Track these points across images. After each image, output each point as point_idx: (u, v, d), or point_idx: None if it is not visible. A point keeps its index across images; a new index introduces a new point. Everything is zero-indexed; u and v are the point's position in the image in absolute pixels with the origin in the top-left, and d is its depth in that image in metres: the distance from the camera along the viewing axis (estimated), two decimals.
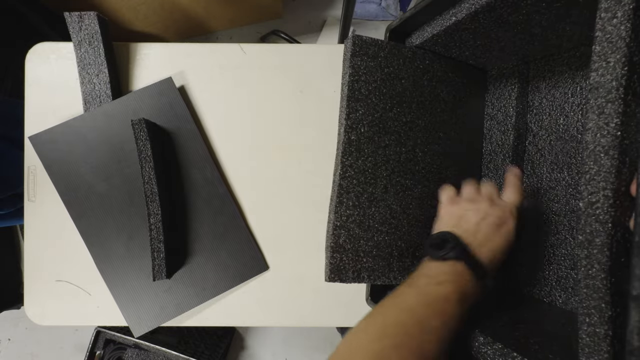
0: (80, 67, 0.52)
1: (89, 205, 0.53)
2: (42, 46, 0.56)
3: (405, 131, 0.43)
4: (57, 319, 0.55)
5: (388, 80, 0.42)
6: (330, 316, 0.55)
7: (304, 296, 0.55)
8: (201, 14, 1.10)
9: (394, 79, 0.42)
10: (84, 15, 0.51)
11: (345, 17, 0.93)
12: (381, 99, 0.41)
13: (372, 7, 1.24)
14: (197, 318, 0.55)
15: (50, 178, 0.53)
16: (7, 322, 1.22)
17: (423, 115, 0.45)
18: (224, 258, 0.54)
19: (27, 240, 0.55)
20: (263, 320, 0.56)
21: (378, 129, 0.41)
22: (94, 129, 0.52)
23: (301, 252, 0.56)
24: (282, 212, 0.56)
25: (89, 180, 0.53)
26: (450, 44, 0.42)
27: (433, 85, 0.45)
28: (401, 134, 0.43)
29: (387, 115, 0.42)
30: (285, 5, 1.23)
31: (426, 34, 0.42)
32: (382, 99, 0.41)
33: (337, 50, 0.57)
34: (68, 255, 0.55)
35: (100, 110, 0.52)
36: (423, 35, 0.42)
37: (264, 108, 0.56)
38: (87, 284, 0.55)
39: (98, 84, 0.52)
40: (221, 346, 1.10)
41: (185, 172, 0.54)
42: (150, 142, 0.49)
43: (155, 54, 0.56)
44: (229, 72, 0.56)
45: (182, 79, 0.56)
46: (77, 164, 0.53)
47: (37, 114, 0.55)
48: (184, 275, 0.53)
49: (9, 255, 1.14)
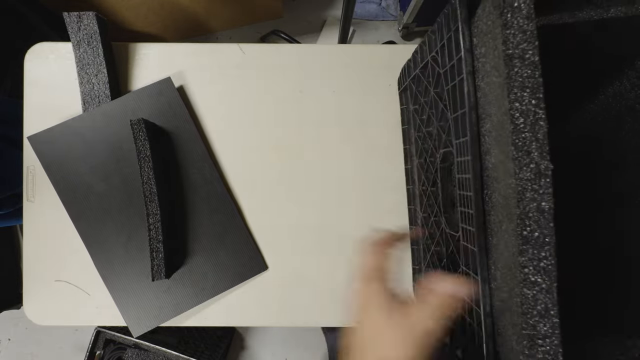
0: (79, 67, 0.52)
1: (88, 205, 0.53)
2: (41, 46, 0.56)
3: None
4: (57, 319, 0.55)
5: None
6: (330, 316, 0.55)
7: (304, 296, 0.55)
8: (201, 14, 1.10)
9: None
10: (83, 15, 0.51)
11: (345, 17, 0.93)
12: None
13: (372, 7, 1.24)
14: (197, 318, 0.55)
15: (49, 178, 0.53)
16: (7, 322, 1.22)
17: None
18: (223, 258, 0.54)
19: (27, 240, 0.55)
20: (263, 320, 0.56)
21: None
22: (92, 129, 0.52)
23: (301, 252, 0.55)
24: (280, 212, 0.56)
25: (87, 180, 0.53)
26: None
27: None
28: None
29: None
30: (285, 5, 1.23)
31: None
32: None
33: (337, 50, 0.57)
34: (67, 255, 0.55)
35: (99, 110, 0.52)
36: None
37: (263, 108, 0.56)
38: (86, 284, 0.55)
39: (97, 84, 0.52)
40: (221, 346, 1.10)
41: (184, 172, 0.54)
42: (149, 142, 0.49)
43: (154, 54, 0.56)
44: (229, 72, 0.56)
45: (181, 79, 0.56)
46: (76, 164, 0.53)
47: (36, 113, 0.55)
48: (183, 276, 0.53)
49: (9, 255, 1.14)
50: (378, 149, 0.56)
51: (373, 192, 0.56)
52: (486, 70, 0.30)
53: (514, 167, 0.26)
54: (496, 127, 0.29)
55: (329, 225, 0.56)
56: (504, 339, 0.30)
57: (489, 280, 0.32)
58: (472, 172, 0.32)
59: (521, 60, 0.26)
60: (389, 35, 1.26)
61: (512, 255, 0.27)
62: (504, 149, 0.28)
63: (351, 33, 1.25)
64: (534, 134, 0.26)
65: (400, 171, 0.55)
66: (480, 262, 0.32)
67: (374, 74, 0.56)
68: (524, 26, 0.26)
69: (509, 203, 0.27)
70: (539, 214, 0.26)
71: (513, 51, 0.26)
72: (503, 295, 0.30)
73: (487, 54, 0.29)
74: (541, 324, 0.26)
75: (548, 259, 0.26)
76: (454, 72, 0.33)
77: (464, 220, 0.34)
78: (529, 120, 0.26)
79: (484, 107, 0.31)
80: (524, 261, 0.26)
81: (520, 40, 0.26)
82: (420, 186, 0.49)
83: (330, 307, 0.55)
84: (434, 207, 0.44)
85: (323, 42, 1.23)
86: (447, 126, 0.38)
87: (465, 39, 0.31)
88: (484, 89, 0.31)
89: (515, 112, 0.26)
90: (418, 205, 0.51)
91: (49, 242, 0.55)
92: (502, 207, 0.29)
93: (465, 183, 0.33)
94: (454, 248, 0.39)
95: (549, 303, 0.26)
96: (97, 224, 0.53)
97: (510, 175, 0.27)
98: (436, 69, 0.38)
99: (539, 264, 0.26)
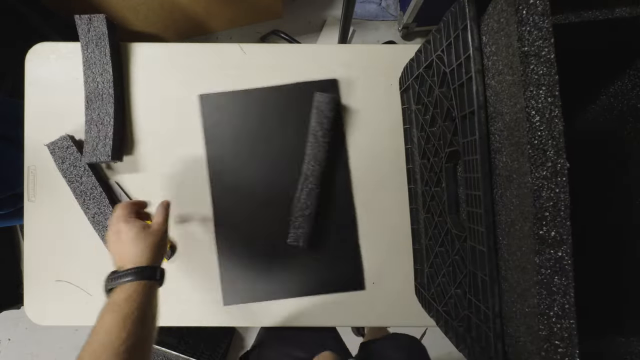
0: (85, 66, 0.52)
1: (230, 170, 0.55)
2: (42, 46, 0.56)
3: None
4: (57, 319, 0.55)
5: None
6: (330, 316, 0.55)
7: (304, 297, 0.55)
8: (201, 14, 1.10)
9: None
10: (93, 17, 0.52)
11: (345, 17, 0.93)
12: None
13: (372, 7, 1.24)
14: (197, 318, 0.55)
15: (204, 136, 0.55)
16: (7, 322, 1.22)
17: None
18: (331, 264, 0.55)
19: (27, 240, 0.55)
20: (263, 320, 0.56)
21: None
22: (256, 104, 0.55)
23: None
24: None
25: (236, 149, 0.55)
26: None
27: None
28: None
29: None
30: (285, 5, 1.23)
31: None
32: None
33: (337, 50, 0.57)
34: (68, 255, 0.55)
35: (266, 91, 0.55)
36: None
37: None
38: (87, 284, 0.55)
39: (101, 82, 0.52)
40: (221, 346, 1.10)
41: (331, 170, 0.55)
42: (332, 122, 0.53)
43: (155, 54, 0.56)
44: (229, 72, 0.56)
45: (183, 78, 0.56)
46: (231, 131, 0.55)
47: (37, 113, 0.55)
48: (288, 265, 0.55)
49: (9, 255, 1.14)
50: (378, 149, 0.56)
51: (374, 191, 0.56)
52: (497, 68, 0.29)
53: (530, 166, 0.26)
54: (509, 125, 0.29)
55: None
56: (514, 340, 0.30)
57: (498, 281, 0.32)
58: (482, 172, 0.32)
59: (537, 58, 0.26)
60: (389, 35, 1.26)
61: (527, 255, 0.27)
62: (519, 148, 0.27)
63: (351, 33, 1.25)
64: (550, 132, 0.26)
65: (402, 170, 0.55)
66: (489, 263, 0.32)
67: (374, 74, 0.56)
68: (539, 23, 0.26)
69: (524, 202, 0.27)
70: (556, 213, 0.26)
71: (529, 48, 0.26)
72: (514, 296, 0.30)
73: (498, 52, 0.29)
74: (558, 325, 0.26)
75: (565, 259, 0.25)
76: (462, 70, 0.33)
77: (472, 220, 0.34)
78: (545, 118, 0.26)
79: (494, 105, 0.31)
80: (541, 261, 0.26)
81: (536, 37, 0.26)
82: (423, 186, 0.49)
83: (331, 307, 0.55)
84: (437, 207, 0.44)
85: (323, 42, 1.23)
86: (452, 125, 0.37)
87: (474, 37, 0.31)
88: (495, 87, 0.30)
89: (532, 110, 0.26)
90: (420, 205, 0.51)
91: (49, 242, 0.55)
92: (516, 207, 0.28)
93: (474, 182, 0.33)
94: (460, 249, 0.39)
95: (566, 304, 0.26)
96: (232, 190, 0.55)
97: (526, 174, 0.26)
98: (442, 68, 0.38)
99: (556, 264, 0.26)
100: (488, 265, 0.32)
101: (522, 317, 0.29)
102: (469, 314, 0.36)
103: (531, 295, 0.27)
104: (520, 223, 0.28)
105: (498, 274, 0.32)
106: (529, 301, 0.27)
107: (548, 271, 0.26)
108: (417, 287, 0.53)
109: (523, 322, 0.29)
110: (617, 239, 0.43)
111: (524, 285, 0.28)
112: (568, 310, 0.26)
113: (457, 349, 0.39)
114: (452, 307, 0.41)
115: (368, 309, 0.55)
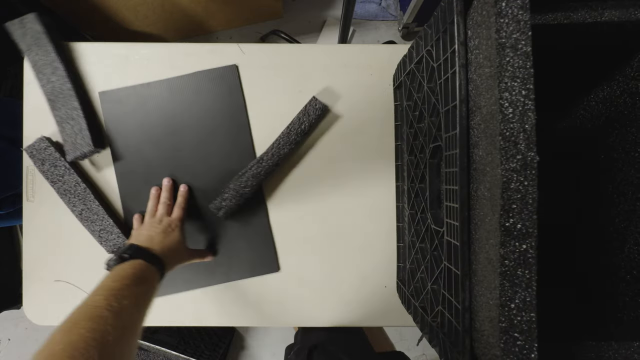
0: (35, 71, 0.52)
1: (134, 166, 0.55)
2: None
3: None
4: (57, 319, 0.55)
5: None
6: (330, 316, 0.55)
7: (304, 296, 0.55)
8: (201, 14, 1.10)
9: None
10: (24, 19, 0.52)
11: (345, 17, 0.93)
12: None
13: (372, 7, 1.25)
14: (197, 318, 0.55)
15: (107, 134, 0.55)
16: (7, 322, 1.22)
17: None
18: (240, 249, 0.55)
19: (26, 240, 0.55)
20: (263, 320, 0.56)
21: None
22: (156, 97, 0.55)
23: (303, 253, 0.56)
24: (280, 211, 0.56)
25: (140, 143, 0.55)
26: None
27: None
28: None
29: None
30: (285, 5, 1.23)
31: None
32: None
33: (337, 50, 0.57)
34: (67, 255, 0.55)
35: (165, 83, 0.55)
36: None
37: (263, 108, 0.56)
38: (86, 283, 0.55)
39: (57, 81, 0.52)
40: (221, 346, 1.10)
41: (227, 157, 0.55)
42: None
43: (155, 54, 0.56)
44: None
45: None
46: (134, 125, 0.55)
47: (36, 113, 0.55)
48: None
49: (9, 255, 1.13)
50: (378, 149, 0.56)
51: (369, 191, 0.56)
52: (479, 61, 0.29)
53: (500, 158, 0.26)
54: (485, 118, 0.29)
55: (329, 224, 0.56)
56: (480, 334, 0.30)
57: (469, 275, 0.32)
58: (459, 165, 0.31)
59: (513, 50, 0.26)
60: (389, 35, 1.26)
61: (493, 247, 0.27)
62: (492, 140, 0.27)
63: (351, 33, 1.25)
64: (522, 125, 0.26)
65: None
66: (462, 257, 0.31)
67: (374, 73, 0.56)
68: (518, 16, 0.26)
69: (494, 195, 0.27)
70: (523, 206, 0.25)
71: (506, 40, 0.26)
72: (482, 289, 0.29)
73: (480, 45, 0.29)
74: (519, 318, 0.25)
75: (530, 252, 0.25)
76: (447, 65, 0.33)
77: (449, 215, 0.34)
78: (518, 111, 0.26)
79: (474, 99, 0.31)
80: (505, 253, 0.26)
81: (514, 29, 0.26)
82: (409, 183, 0.48)
83: (331, 307, 0.55)
84: (421, 203, 0.44)
85: (323, 42, 1.23)
86: (438, 121, 0.37)
87: (459, 31, 0.31)
88: (475, 80, 0.30)
89: (505, 101, 0.26)
90: (406, 202, 0.50)
91: (49, 242, 0.55)
92: (487, 199, 0.28)
93: (452, 177, 0.33)
94: (437, 244, 0.38)
95: (528, 297, 0.25)
96: (139, 184, 0.55)
97: (497, 165, 0.26)
98: (430, 63, 0.38)
99: (520, 256, 0.26)
100: (460, 259, 0.31)
101: (486, 310, 0.29)
102: (442, 309, 0.36)
103: (494, 287, 0.27)
104: (490, 216, 0.28)
105: (470, 268, 0.32)
106: (493, 293, 0.27)
107: (512, 263, 0.26)
108: (398, 284, 0.52)
109: (487, 315, 0.28)
110: (599, 245, 0.43)
111: (490, 277, 0.28)
112: (529, 304, 0.26)
113: (430, 345, 0.39)
114: (427, 302, 0.41)
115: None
